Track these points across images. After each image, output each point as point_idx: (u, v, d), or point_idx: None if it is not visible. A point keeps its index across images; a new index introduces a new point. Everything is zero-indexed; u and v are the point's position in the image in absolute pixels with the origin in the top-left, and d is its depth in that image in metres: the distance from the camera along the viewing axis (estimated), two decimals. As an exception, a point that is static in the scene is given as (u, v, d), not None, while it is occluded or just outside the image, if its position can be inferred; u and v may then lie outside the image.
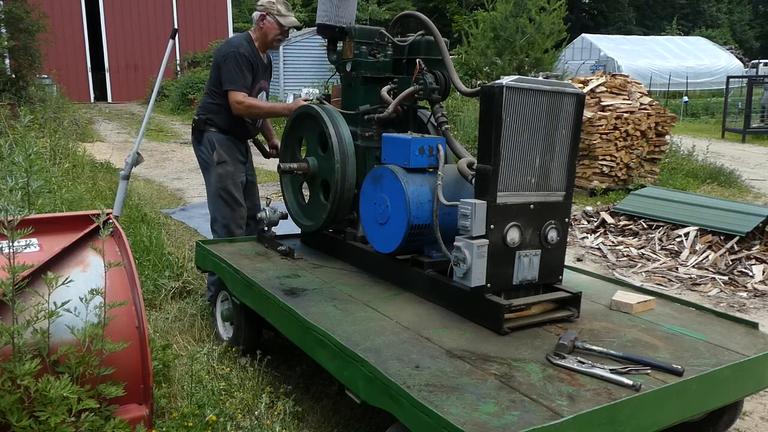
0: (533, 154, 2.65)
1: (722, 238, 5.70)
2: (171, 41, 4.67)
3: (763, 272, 5.21)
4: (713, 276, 5.25)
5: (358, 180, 3.35)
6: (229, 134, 4.10)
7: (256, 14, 4.04)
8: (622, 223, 6.55)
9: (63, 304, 2.15)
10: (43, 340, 2.15)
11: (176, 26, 17.88)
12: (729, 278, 5.19)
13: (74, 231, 2.52)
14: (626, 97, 8.94)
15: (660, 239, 6.05)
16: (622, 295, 3.01)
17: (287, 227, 4.08)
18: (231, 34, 25.82)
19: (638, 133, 8.76)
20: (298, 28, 4.10)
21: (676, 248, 5.82)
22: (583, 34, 28.77)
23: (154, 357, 2.96)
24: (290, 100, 16.74)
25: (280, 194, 4.06)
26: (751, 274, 5.22)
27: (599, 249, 6.11)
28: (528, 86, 2.56)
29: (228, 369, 3.18)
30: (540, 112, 2.62)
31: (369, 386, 2.22)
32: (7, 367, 2.06)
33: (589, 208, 7.22)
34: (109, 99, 24.63)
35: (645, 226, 6.34)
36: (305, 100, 3.80)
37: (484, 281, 2.57)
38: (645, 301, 2.97)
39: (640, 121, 8.70)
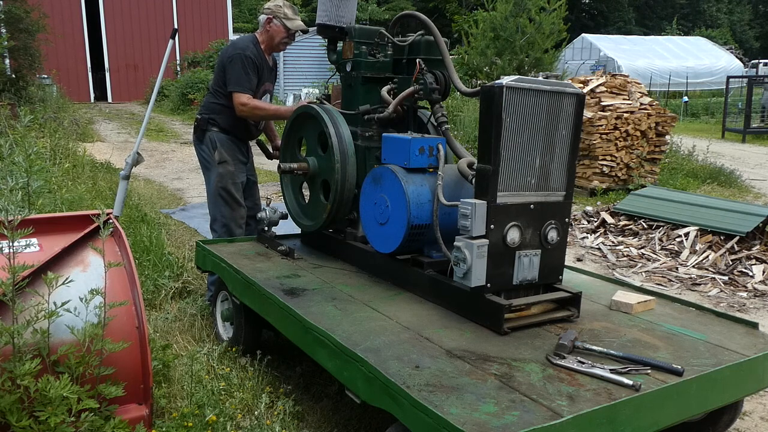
0: (533, 154, 2.65)
1: (722, 238, 5.70)
2: (171, 41, 4.68)
3: (763, 272, 5.21)
4: (713, 276, 5.25)
5: (358, 180, 3.35)
6: (231, 134, 4.11)
7: (262, 17, 4.05)
8: (622, 223, 6.55)
9: (63, 304, 2.15)
10: (43, 340, 2.15)
11: (176, 26, 17.89)
12: (729, 278, 5.19)
13: (74, 231, 2.52)
14: (626, 97, 8.94)
15: (660, 239, 6.05)
16: (622, 295, 3.01)
17: (287, 227, 4.08)
18: (231, 34, 25.85)
19: (638, 133, 8.76)
20: (305, 32, 4.12)
21: (676, 248, 5.82)
22: (583, 34, 28.77)
23: (154, 357, 2.96)
24: (290, 100, 16.75)
25: (280, 194, 4.06)
26: (751, 274, 5.22)
27: (599, 249, 6.11)
28: (528, 86, 2.56)
29: (228, 369, 3.18)
30: (540, 112, 2.62)
31: (369, 386, 2.22)
32: (7, 367, 2.06)
33: (589, 208, 7.22)
34: (109, 99, 24.63)
35: (645, 226, 6.34)
36: (310, 103, 3.81)
37: (484, 281, 2.57)
38: (645, 301, 2.97)
39: (640, 121, 8.70)
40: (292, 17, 4.00)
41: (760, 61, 30.85)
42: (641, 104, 8.91)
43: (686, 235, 5.91)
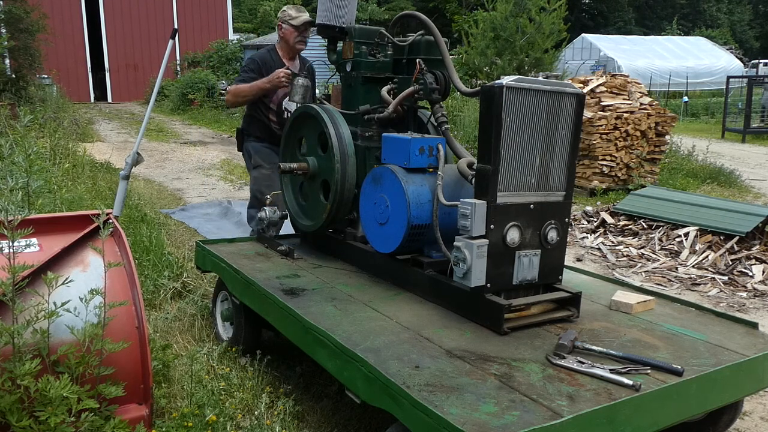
0: (533, 154, 2.65)
1: (722, 238, 5.70)
2: (171, 41, 4.69)
3: (763, 272, 5.21)
4: (713, 276, 5.25)
5: (358, 180, 3.35)
6: (265, 141, 4.31)
7: (277, 29, 4.34)
8: (622, 223, 6.55)
9: (63, 304, 2.15)
10: (43, 340, 2.15)
11: (176, 26, 17.89)
12: (729, 278, 5.19)
13: (74, 231, 2.52)
14: (626, 97, 8.94)
15: (660, 239, 6.05)
16: (622, 295, 3.01)
17: (287, 227, 4.08)
18: (231, 34, 25.89)
19: (638, 133, 8.76)
20: (312, 24, 4.21)
21: (675, 248, 5.82)
22: (583, 34, 28.77)
23: (154, 357, 2.96)
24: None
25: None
26: (750, 274, 5.22)
27: (599, 249, 6.11)
28: (528, 86, 2.56)
29: (228, 369, 3.18)
30: (540, 112, 2.62)
31: (369, 386, 2.22)
32: (7, 367, 2.06)
33: (589, 208, 7.22)
34: (109, 99, 24.64)
35: (645, 226, 6.34)
36: (285, 74, 3.97)
37: (484, 281, 2.57)
38: (645, 301, 2.97)
39: (640, 121, 8.70)
40: (296, 15, 4.16)
41: (760, 61, 30.85)
42: (641, 104, 8.90)
43: (686, 235, 5.91)
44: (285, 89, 4.15)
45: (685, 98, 22.19)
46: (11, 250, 2.13)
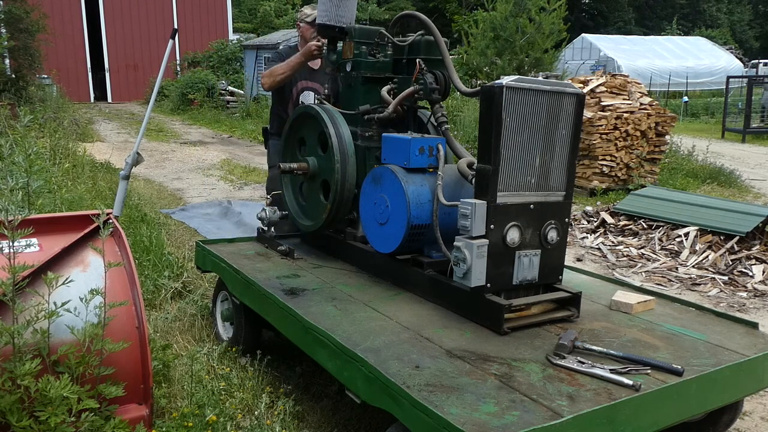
0: (533, 154, 2.65)
1: (722, 238, 5.70)
2: (171, 41, 4.69)
3: (763, 272, 5.21)
4: (713, 276, 5.25)
5: (358, 180, 3.35)
6: None
7: (296, 29, 4.51)
8: (622, 223, 6.55)
9: (63, 304, 2.15)
10: (43, 340, 2.15)
11: (176, 26, 17.89)
12: (729, 278, 5.19)
13: (74, 231, 2.52)
14: (626, 97, 8.94)
15: (660, 239, 6.05)
16: (622, 295, 3.01)
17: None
18: (231, 34, 25.88)
19: (638, 133, 8.76)
20: None
21: (676, 248, 5.82)
22: (583, 34, 28.77)
23: (154, 357, 2.96)
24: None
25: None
26: (751, 274, 5.22)
27: (599, 249, 6.11)
28: (528, 86, 2.56)
29: (228, 369, 3.18)
30: (540, 112, 2.62)
31: (369, 386, 2.22)
32: (7, 367, 2.06)
33: (589, 208, 7.22)
34: (109, 99, 24.64)
35: (645, 226, 6.34)
36: (316, 46, 3.94)
37: (484, 281, 2.57)
38: (645, 301, 2.97)
39: (640, 121, 8.70)
40: (311, 13, 4.26)
41: (760, 61, 30.85)
42: (641, 104, 8.91)
43: (686, 235, 5.91)
44: (304, 83, 4.30)
45: (685, 98, 22.19)
46: (11, 250, 2.13)
